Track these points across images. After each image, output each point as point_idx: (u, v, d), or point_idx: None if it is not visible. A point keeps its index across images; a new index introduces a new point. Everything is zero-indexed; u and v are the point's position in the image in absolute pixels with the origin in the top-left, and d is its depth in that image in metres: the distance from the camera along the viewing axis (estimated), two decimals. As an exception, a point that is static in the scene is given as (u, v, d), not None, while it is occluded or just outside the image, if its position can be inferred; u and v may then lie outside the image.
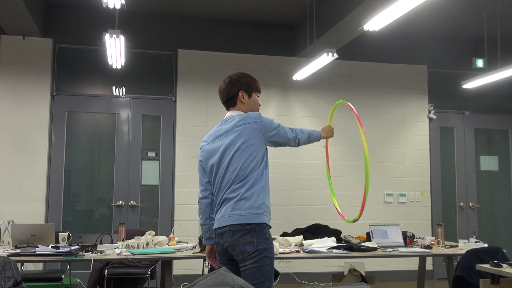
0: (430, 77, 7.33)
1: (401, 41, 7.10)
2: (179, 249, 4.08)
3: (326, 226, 4.83)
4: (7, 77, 6.12)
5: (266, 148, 2.75)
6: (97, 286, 4.94)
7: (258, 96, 2.88)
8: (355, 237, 4.62)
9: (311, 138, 2.96)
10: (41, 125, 6.15)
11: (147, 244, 4.06)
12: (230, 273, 1.70)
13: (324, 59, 5.41)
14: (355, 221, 3.11)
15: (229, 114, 2.83)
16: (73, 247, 3.87)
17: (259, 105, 2.89)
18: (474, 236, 4.59)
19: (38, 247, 3.84)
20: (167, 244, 4.28)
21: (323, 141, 3.26)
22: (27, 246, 3.90)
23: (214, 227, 2.69)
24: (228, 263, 2.63)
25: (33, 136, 6.12)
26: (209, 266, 4.12)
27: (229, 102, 2.84)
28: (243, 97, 2.81)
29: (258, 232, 2.55)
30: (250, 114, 2.74)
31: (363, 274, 6.46)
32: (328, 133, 3.14)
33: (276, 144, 2.78)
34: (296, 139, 2.83)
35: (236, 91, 2.81)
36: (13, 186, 5.99)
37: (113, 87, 6.53)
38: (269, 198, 2.69)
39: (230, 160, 2.65)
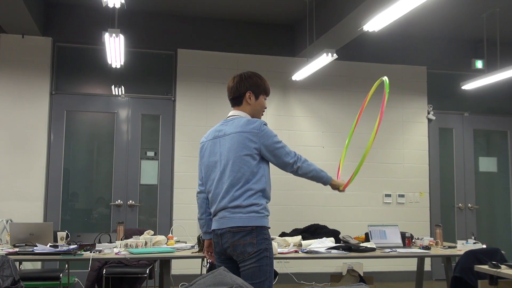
0: (430, 78, 7.33)
1: (401, 42, 7.10)
2: (177, 249, 4.08)
3: (324, 227, 4.83)
4: (7, 76, 6.12)
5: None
6: (96, 285, 4.93)
7: (265, 99, 2.83)
8: (354, 238, 4.62)
9: (316, 175, 2.75)
10: (40, 124, 6.15)
11: (146, 243, 4.06)
12: (229, 273, 1.70)
13: (324, 60, 5.42)
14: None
15: (232, 113, 2.80)
16: (72, 246, 3.87)
17: (265, 107, 2.85)
18: (473, 237, 4.59)
19: (36, 246, 3.83)
20: (166, 243, 4.28)
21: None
22: (26, 245, 3.89)
23: (212, 228, 2.70)
24: (226, 262, 2.64)
25: (32, 135, 6.11)
26: (207, 266, 4.13)
27: (235, 100, 2.80)
28: (250, 98, 2.77)
29: (258, 233, 2.57)
30: (252, 122, 2.68)
31: (362, 274, 6.46)
32: (340, 184, 2.95)
33: (271, 162, 2.68)
34: (295, 165, 2.67)
35: (243, 91, 2.76)
36: (12, 184, 5.99)
37: (113, 87, 6.53)
38: (269, 196, 2.68)
39: (226, 167, 2.64)
